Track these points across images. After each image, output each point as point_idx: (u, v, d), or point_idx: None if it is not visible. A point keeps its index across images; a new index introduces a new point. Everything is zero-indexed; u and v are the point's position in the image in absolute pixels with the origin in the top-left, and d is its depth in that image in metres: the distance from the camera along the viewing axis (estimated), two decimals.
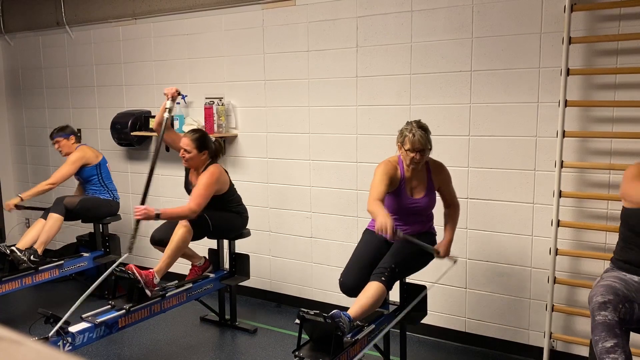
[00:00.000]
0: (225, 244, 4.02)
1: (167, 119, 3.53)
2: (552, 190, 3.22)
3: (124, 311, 3.22)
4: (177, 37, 4.67)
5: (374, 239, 3.07)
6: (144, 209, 3.29)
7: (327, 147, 4.05)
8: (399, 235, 2.64)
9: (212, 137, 3.83)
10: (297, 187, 4.24)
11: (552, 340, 3.32)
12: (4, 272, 3.95)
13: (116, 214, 4.66)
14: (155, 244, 3.72)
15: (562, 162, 3.16)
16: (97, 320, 3.11)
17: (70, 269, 4.38)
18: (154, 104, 4.89)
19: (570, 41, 3.06)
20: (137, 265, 3.51)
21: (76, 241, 5.08)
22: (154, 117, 4.70)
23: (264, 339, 3.88)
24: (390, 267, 2.86)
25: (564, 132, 3.13)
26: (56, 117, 5.62)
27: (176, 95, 3.56)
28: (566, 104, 3.11)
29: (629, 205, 2.50)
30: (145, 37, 4.87)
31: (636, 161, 2.74)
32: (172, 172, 4.75)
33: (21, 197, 4.37)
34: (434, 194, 3.08)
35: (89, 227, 4.70)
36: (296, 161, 4.21)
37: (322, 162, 4.10)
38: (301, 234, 4.28)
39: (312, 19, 3.98)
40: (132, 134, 4.79)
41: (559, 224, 3.21)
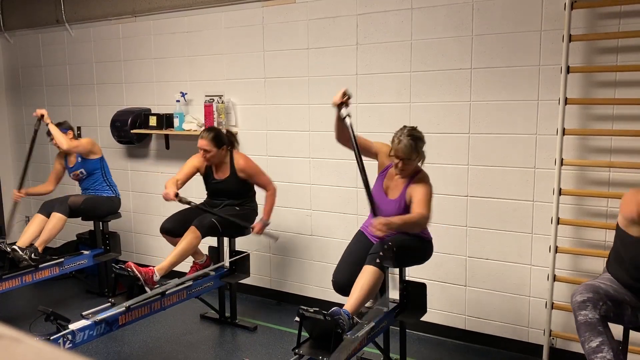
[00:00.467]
0: (225, 241, 4.02)
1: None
2: (552, 187, 3.22)
3: (124, 309, 3.22)
4: (177, 34, 4.66)
5: (364, 239, 3.08)
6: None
7: (327, 145, 4.05)
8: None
9: (222, 129, 3.95)
10: (297, 184, 4.24)
11: (552, 337, 3.32)
12: (4, 269, 3.95)
13: (117, 212, 4.66)
14: (164, 233, 3.79)
15: (562, 159, 3.16)
16: (98, 317, 3.11)
17: (70, 267, 4.38)
18: (153, 101, 4.89)
19: (570, 39, 3.05)
20: (136, 263, 3.51)
21: (76, 239, 5.08)
22: (153, 114, 4.71)
23: (264, 337, 3.89)
24: (383, 248, 2.77)
25: (564, 129, 3.13)
26: (56, 114, 5.60)
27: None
28: (566, 101, 3.11)
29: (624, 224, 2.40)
30: (145, 34, 4.86)
31: (631, 189, 2.53)
32: (172, 170, 4.74)
33: (51, 121, 4.36)
34: (404, 204, 2.90)
35: (89, 225, 4.70)
36: (296, 159, 4.21)
37: (322, 159, 4.10)
38: (301, 232, 4.28)
39: (312, 17, 3.98)
40: (132, 131, 4.79)
41: (558, 221, 3.21)
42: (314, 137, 4.10)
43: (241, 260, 3.99)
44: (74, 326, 3.00)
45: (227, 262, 4.04)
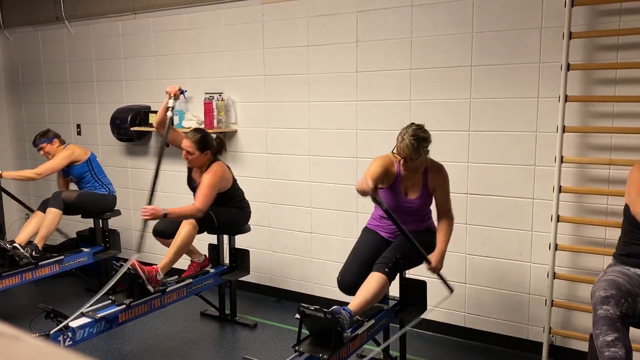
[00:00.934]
0: (225, 239, 4.02)
1: (170, 118, 3.53)
2: (552, 185, 3.22)
3: (124, 306, 3.22)
4: (177, 32, 4.66)
5: (372, 238, 3.07)
6: (152, 209, 3.27)
7: (327, 143, 4.05)
8: (378, 199, 2.62)
9: (214, 134, 3.82)
10: (297, 182, 4.23)
11: (551, 335, 3.33)
12: (4, 267, 3.95)
13: (114, 209, 4.65)
14: (157, 236, 3.76)
15: (562, 157, 3.15)
16: (98, 315, 3.11)
17: (70, 264, 4.38)
18: (153, 99, 4.88)
19: (570, 36, 3.05)
20: (139, 261, 3.51)
21: (76, 236, 5.08)
22: (154, 112, 4.70)
23: (264, 334, 3.89)
24: (395, 257, 2.86)
25: (564, 127, 3.13)
26: (56, 112, 5.62)
27: (179, 93, 3.56)
28: (566, 99, 3.11)
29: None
30: (144, 32, 4.85)
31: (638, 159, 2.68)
32: (173, 168, 4.74)
33: (1, 173, 4.25)
34: (428, 195, 3.00)
35: (89, 223, 4.70)
36: (296, 156, 4.21)
37: (322, 157, 4.09)
38: (301, 229, 4.28)
39: (312, 14, 3.97)
40: (131, 129, 4.79)
41: (558, 219, 3.21)
42: (314, 135, 4.10)
43: (241, 257, 3.99)
44: (74, 324, 3.00)
45: (227, 260, 4.05)
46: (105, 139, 5.21)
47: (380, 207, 2.70)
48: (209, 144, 3.65)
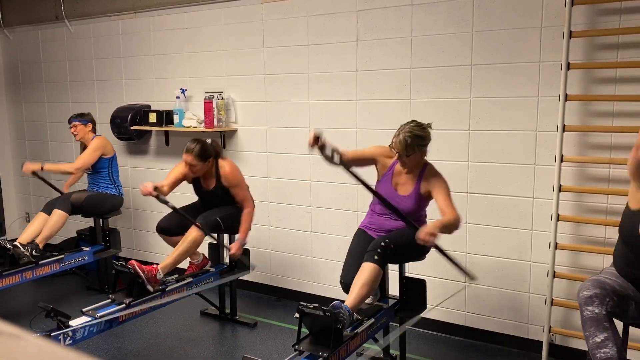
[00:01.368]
0: (225, 238, 4.02)
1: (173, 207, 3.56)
2: (552, 184, 3.22)
3: (124, 305, 3.22)
4: (177, 30, 4.65)
5: (363, 237, 3.08)
6: (238, 248, 3.68)
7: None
8: (325, 144, 2.48)
9: (208, 140, 3.79)
10: (297, 181, 4.23)
11: (551, 334, 3.33)
12: (4, 266, 3.95)
13: (118, 209, 4.66)
14: (161, 233, 3.78)
15: (562, 156, 3.15)
16: (98, 314, 3.12)
17: (70, 263, 4.38)
18: (153, 98, 4.88)
19: (570, 35, 3.05)
20: (136, 260, 3.51)
21: (76, 235, 5.09)
22: (153, 111, 4.70)
23: (264, 333, 3.89)
24: (380, 245, 2.81)
25: (564, 126, 3.13)
26: (56, 111, 5.62)
27: (155, 193, 3.43)
28: (566, 98, 3.11)
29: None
30: (144, 30, 4.85)
31: None
32: (172, 167, 4.73)
33: (43, 167, 4.37)
34: (419, 197, 2.92)
35: (89, 222, 4.70)
36: (296, 155, 4.21)
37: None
38: (301, 229, 4.28)
39: (312, 13, 3.97)
40: (131, 128, 4.79)
41: (558, 218, 3.21)
42: None
43: (241, 256, 3.99)
44: (74, 322, 3.00)
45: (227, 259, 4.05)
46: None
47: (327, 160, 2.55)
48: (209, 152, 3.68)
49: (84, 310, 3.16)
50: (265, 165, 4.37)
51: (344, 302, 2.70)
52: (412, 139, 2.78)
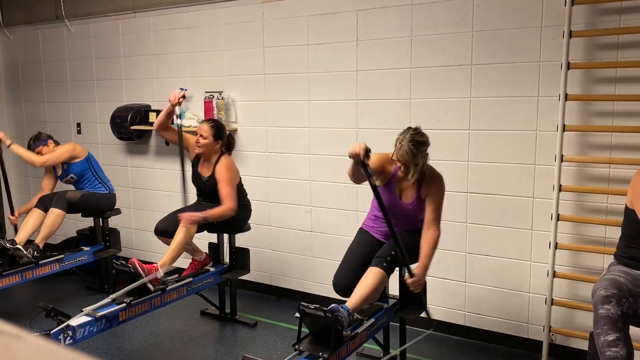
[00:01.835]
0: (225, 237, 4.02)
1: (178, 126, 3.65)
2: (552, 184, 3.22)
3: (124, 305, 3.22)
4: (177, 30, 4.65)
5: (365, 239, 3.07)
6: (190, 216, 3.52)
7: (327, 141, 4.05)
8: (366, 163, 2.55)
9: (227, 131, 3.87)
10: (297, 181, 4.24)
11: (551, 334, 3.33)
12: (4, 266, 3.95)
13: (114, 207, 4.65)
14: (159, 235, 3.76)
15: (562, 156, 3.15)
16: (98, 313, 3.11)
17: (70, 263, 4.38)
18: (153, 97, 4.88)
19: (570, 35, 3.05)
20: (139, 259, 3.51)
21: (76, 235, 5.08)
22: (154, 111, 4.70)
23: (264, 333, 3.90)
24: (390, 253, 2.85)
25: (564, 126, 3.13)
26: (56, 111, 5.62)
27: (182, 100, 3.62)
28: (566, 97, 3.11)
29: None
30: (144, 30, 4.85)
31: None
32: (172, 167, 4.75)
33: (12, 143, 4.34)
34: (421, 202, 2.93)
35: (89, 221, 4.70)
36: (296, 155, 4.21)
37: (322, 156, 4.09)
38: (301, 228, 4.28)
39: (312, 13, 3.97)
40: (132, 128, 4.79)
41: (558, 218, 3.21)
42: (314, 134, 4.10)
43: (241, 256, 3.99)
44: (74, 322, 3.00)
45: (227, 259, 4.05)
46: (105, 138, 5.21)
47: (366, 174, 2.59)
48: (222, 135, 3.74)
49: (84, 309, 3.16)
50: (265, 165, 4.37)
51: (345, 303, 2.70)
52: (417, 147, 2.73)
